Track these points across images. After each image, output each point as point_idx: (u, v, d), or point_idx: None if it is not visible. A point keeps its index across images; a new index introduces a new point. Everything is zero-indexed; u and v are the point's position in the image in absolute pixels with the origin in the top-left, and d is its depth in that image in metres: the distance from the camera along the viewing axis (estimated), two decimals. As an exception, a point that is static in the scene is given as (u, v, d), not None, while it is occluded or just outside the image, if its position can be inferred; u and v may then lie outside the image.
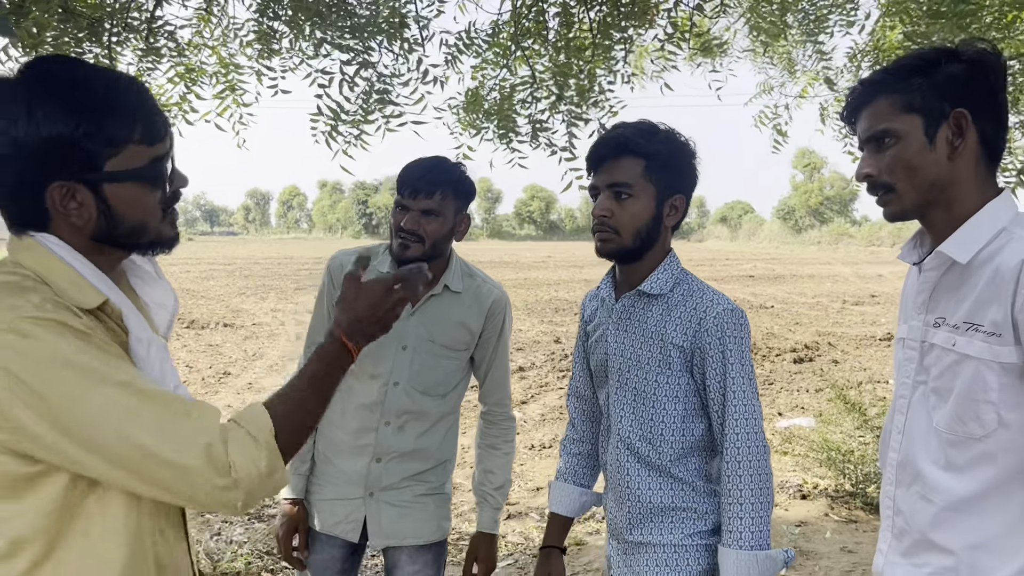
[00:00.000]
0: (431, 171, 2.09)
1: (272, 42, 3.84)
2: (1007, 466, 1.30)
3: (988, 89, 1.34)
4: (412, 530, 2.21)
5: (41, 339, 1.04)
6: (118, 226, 1.17)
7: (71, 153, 1.10)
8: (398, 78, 3.82)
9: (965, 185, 1.34)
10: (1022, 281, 1.23)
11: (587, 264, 33.74)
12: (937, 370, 1.37)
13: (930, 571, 1.38)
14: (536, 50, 4.24)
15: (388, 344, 2.14)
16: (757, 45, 4.58)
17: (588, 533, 4.84)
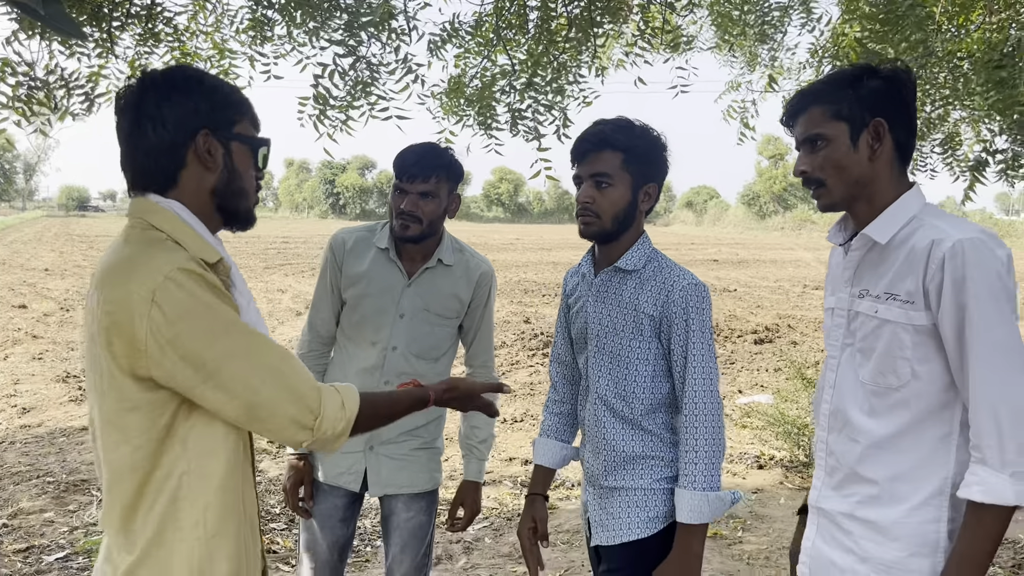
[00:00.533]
0: (425, 157, 2.33)
1: (265, 29, 4.02)
2: (919, 410, 1.57)
3: (902, 102, 1.61)
4: (408, 480, 2.46)
5: (188, 288, 1.29)
6: (233, 181, 1.46)
7: (214, 115, 1.42)
8: (385, 67, 4.01)
9: (882, 181, 1.62)
10: (931, 259, 1.50)
11: (555, 247, 34.04)
12: (862, 333, 1.64)
13: (858, 499, 1.65)
14: (516, 40, 4.46)
15: (387, 313, 2.39)
16: (721, 41, 4.85)
17: (559, 498, 5.14)
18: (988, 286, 1.47)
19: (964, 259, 1.48)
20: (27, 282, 16.41)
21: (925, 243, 1.53)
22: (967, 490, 1.49)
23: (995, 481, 1.45)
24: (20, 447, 5.93)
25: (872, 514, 1.63)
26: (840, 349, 1.70)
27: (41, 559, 4.06)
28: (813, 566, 1.74)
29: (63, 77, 3.66)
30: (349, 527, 2.52)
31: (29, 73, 3.56)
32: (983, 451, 1.48)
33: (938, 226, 1.55)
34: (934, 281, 1.50)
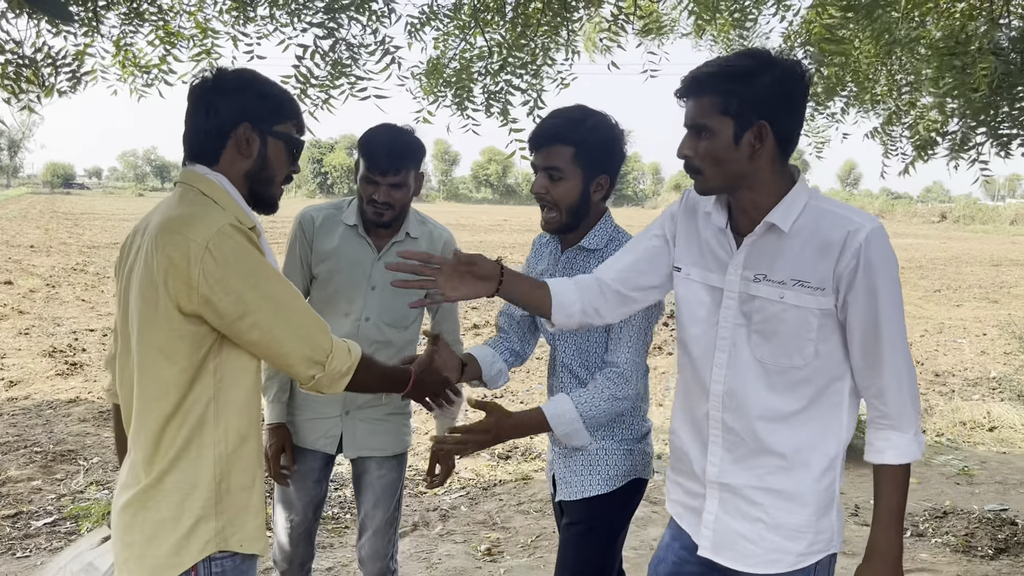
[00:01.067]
0: (393, 150, 2.42)
1: (248, 10, 4.11)
2: (819, 384, 1.68)
3: (790, 102, 1.63)
4: (380, 443, 2.61)
5: (236, 240, 1.59)
6: (264, 169, 1.75)
7: (259, 112, 1.72)
8: (365, 48, 4.11)
9: (762, 174, 1.65)
10: (846, 247, 1.58)
11: (542, 228, 34.05)
12: (761, 316, 1.69)
13: (767, 471, 1.73)
14: (494, 22, 4.56)
15: (358, 285, 2.53)
16: (695, 27, 4.97)
17: (534, 470, 5.31)
18: (892, 273, 1.62)
19: (877, 248, 1.59)
20: (12, 259, 16.42)
21: (839, 232, 1.60)
22: (882, 455, 1.64)
23: (905, 443, 1.63)
24: (7, 419, 6.04)
25: (781, 483, 1.72)
26: (731, 330, 1.74)
27: (29, 524, 4.20)
28: (717, 539, 1.79)
29: (50, 55, 3.75)
30: (323, 487, 2.67)
31: (17, 51, 3.65)
32: (893, 418, 1.64)
33: (845, 215, 1.63)
34: (848, 267, 1.59)
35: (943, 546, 4.20)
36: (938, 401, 7.34)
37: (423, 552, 4.05)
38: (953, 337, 10.78)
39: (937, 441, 6.16)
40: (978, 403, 7.12)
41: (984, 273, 19.59)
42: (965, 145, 3.84)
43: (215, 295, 1.56)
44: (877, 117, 5.55)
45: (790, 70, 1.63)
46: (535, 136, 2.19)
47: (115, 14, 3.98)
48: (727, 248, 1.75)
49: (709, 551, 1.80)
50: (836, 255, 1.60)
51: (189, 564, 1.61)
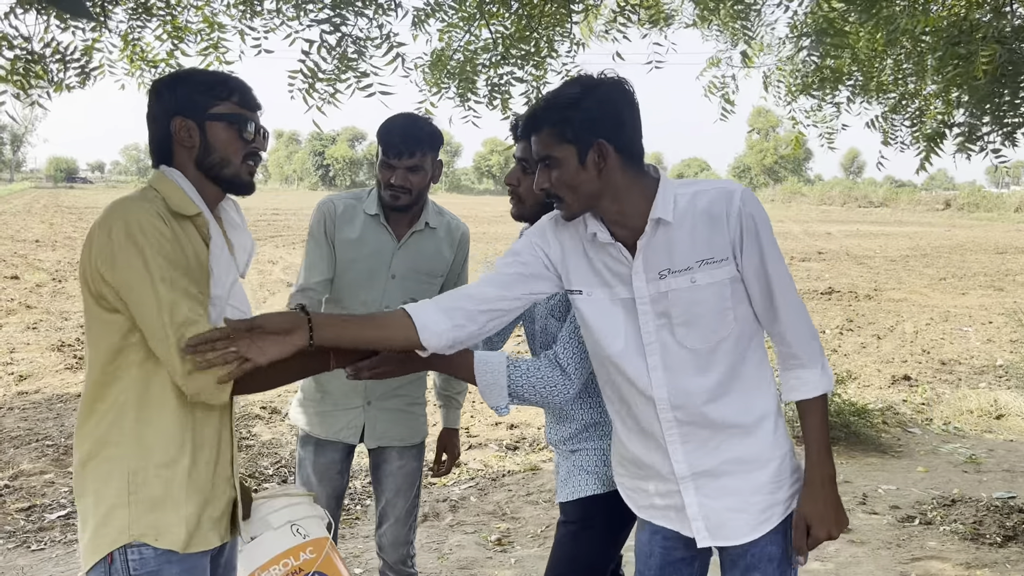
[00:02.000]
0: (409, 133, 2.46)
1: (254, 4, 4.11)
2: (743, 347, 1.78)
3: (619, 118, 1.72)
4: (400, 434, 2.64)
5: (135, 229, 1.61)
6: (211, 154, 1.76)
7: (188, 102, 1.75)
8: (371, 41, 4.12)
9: (619, 185, 1.74)
10: (729, 213, 1.70)
11: (545, 219, 34.00)
12: (680, 307, 1.75)
13: (728, 443, 1.80)
14: (499, 14, 4.56)
15: (378, 274, 2.55)
16: (699, 17, 4.97)
17: (542, 460, 5.34)
18: (769, 224, 1.75)
19: (751, 207, 1.72)
20: (18, 253, 16.47)
21: (719, 203, 1.72)
22: (797, 392, 1.79)
23: (816, 377, 1.78)
24: (18, 413, 6.09)
25: (744, 450, 1.81)
26: (655, 333, 1.79)
27: (43, 517, 4.24)
28: (710, 525, 1.83)
29: (59, 50, 3.76)
30: (344, 477, 2.71)
31: (26, 47, 3.66)
32: (800, 357, 1.78)
33: (714, 187, 1.75)
34: (736, 231, 1.71)
35: (951, 534, 4.22)
36: (944, 390, 7.35)
37: (434, 543, 4.08)
38: (959, 325, 10.78)
39: (944, 429, 6.18)
40: (985, 391, 7.13)
41: (989, 261, 19.55)
42: (973, 136, 3.84)
43: (111, 268, 1.60)
44: (881, 106, 5.56)
45: (612, 89, 1.73)
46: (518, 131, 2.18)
47: (123, 9, 3.99)
48: (622, 259, 1.79)
49: (708, 539, 1.84)
50: (724, 223, 1.71)
51: (105, 551, 1.64)
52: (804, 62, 5.21)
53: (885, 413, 6.30)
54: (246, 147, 1.80)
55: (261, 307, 10.92)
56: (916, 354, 9.02)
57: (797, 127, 5.58)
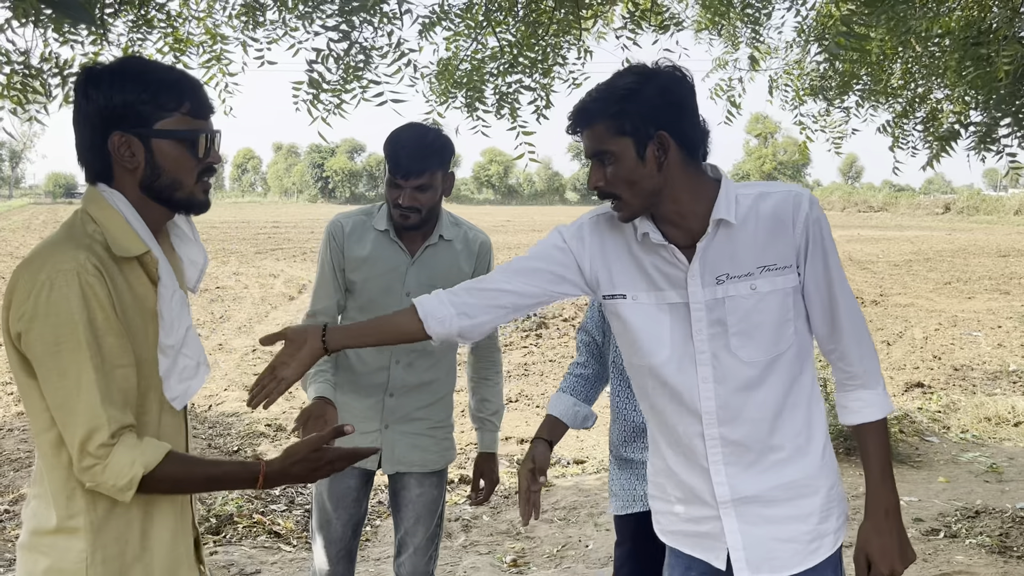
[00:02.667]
0: (417, 151, 2.31)
1: (257, 14, 4.03)
2: (799, 365, 1.68)
3: (680, 106, 1.60)
4: (420, 459, 2.50)
5: (61, 292, 1.36)
6: (159, 176, 1.48)
7: (130, 113, 1.44)
8: (377, 51, 4.03)
9: (679, 182, 1.62)
10: (796, 218, 1.61)
11: (546, 228, 33.91)
12: (736, 316, 1.63)
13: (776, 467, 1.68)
14: (505, 22, 4.48)
15: (393, 293, 2.43)
16: (706, 21, 4.89)
17: (555, 476, 5.23)
18: (830, 234, 1.66)
19: (819, 215, 1.63)
20: (17, 270, 16.35)
21: (785, 206, 1.62)
22: (859, 415, 1.68)
23: (878, 398, 1.68)
24: (19, 434, 5.98)
25: (793, 473, 1.68)
26: (708, 342, 1.67)
27: (46, 542, 4.12)
28: (751, 556, 1.70)
29: (57, 64, 3.67)
30: (362, 506, 2.57)
31: (22, 61, 3.57)
32: (861, 377, 1.68)
33: (779, 190, 1.65)
34: (803, 238, 1.62)
35: (978, 547, 4.11)
36: (960, 397, 7.24)
37: (447, 564, 3.97)
38: (968, 330, 10.68)
39: (963, 438, 6.08)
40: (1001, 398, 7.02)
41: (993, 264, 19.47)
42: (989, 137, 3.76)
43: (25, 334, 1.38)
44: (890, 111, 5.48)
45: (671, 76, 1.62)
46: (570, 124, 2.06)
47: (123, 21, 3.90)
48: (676, 262, 1.67)
49: (746, 571, 1.69)
50: (790, 229, 1.62)
51: None
52: (815, 65, 5.14)
53: (902, 421, 6.19)
54: (200, 164, 1.51)
55: (264, 321, 10.81)
56: (927, 360, 8.92)
57: (804, 132, 5.50)
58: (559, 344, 9.33)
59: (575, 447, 5.86)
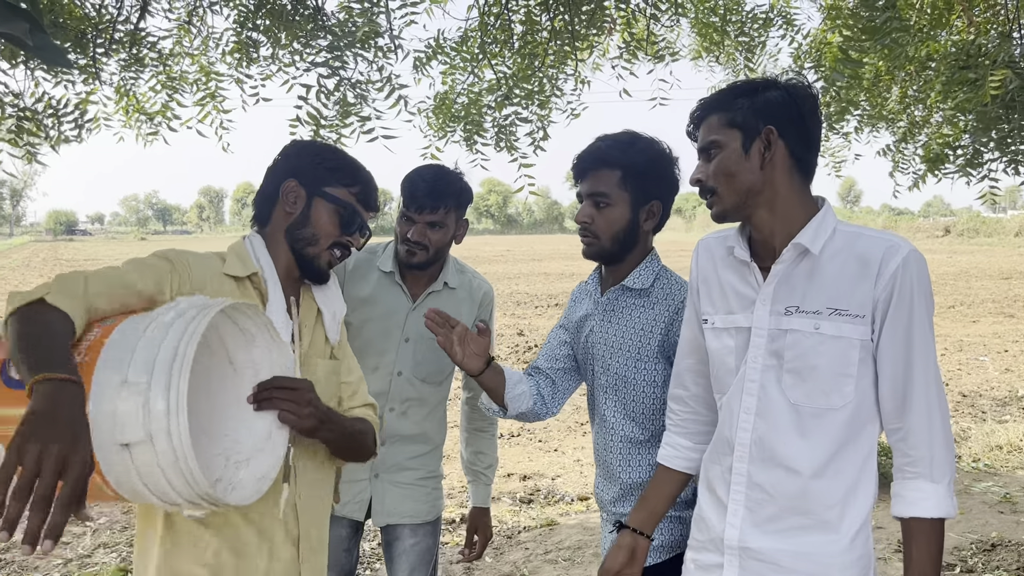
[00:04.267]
0: (435, 187, 2.26)
1: (250, 51, 4.01)
2: (855, 429, 1.52)
3: (796, 113, 1.54)
4: (411, 510, 2.39)
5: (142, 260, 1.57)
6: (304, 227, 1.70)
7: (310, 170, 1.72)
8: (372, 85, 4.00)
9: (780, 191, 1.55)
10: (883, 269, 1.46)
11: (546, 258, 34.06)
12: (794, 353, 1.52)
13: (796, 531, 1.54)
14: (501, 54, 4.47)
15: (390, 337, 2.34)
16: (702, 49, 4.89)
17: (559, 514, 5.11)
18: (927, 304, 1.49)
19: (915, 272, 1.47)
20: (16, 309, 16.29)
21: (877, 253, 1.48)
22: (913, 508, 1.47)
23: (940, 495, 1.46)
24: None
25: (812, 545, 1.54)
26: (760, 372, 1.57)
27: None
28: None
29: (51, 105, 3.65)
30: (352, 556, 2.46)
31: (16, 103, 3.54)
32: (923, 465, 1.47)
33: (882, 236, 1.52)
34: (884, 292, 1.47)
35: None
36: (970, 424, 7.13)
37: (450, 609, 3.85)
38: (974, 355, 10.57)
39: (975, 467, 5.95)
40: (1013, 425, 6.91)
41: (995, 287, 19.40)
42: (976, 160, 3.73)
43: None
44: (891, 135, 5.47)
45: (796, 86, 1.57)
46: (579, 161, 2.01)
47: (115, 60, 3.88)
48: (752, 282, 1.60)
49: None
50: (873, 278, 1.48)
51: None
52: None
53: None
54: (340, 236, 1.73)
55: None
56: (934, 386, 8.81)
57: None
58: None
59: (579, 483, 5.75)
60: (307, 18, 3.87)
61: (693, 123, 1.65)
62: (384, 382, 2.34)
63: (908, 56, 4.21)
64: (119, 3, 3.77)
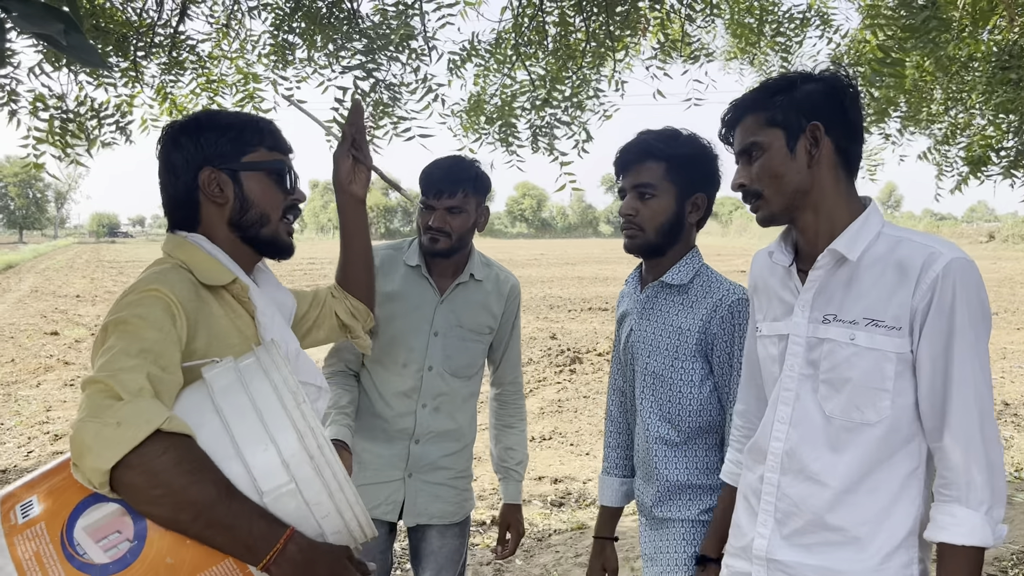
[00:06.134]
0: (451, 171, 2.29)
1: (286, 54, 4.06)
2: (891, 445, 1.46)
3: (839, 106, 1.49)
4: (440, 511, 2.39)
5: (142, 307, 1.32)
6: (248, 210, 1.53)
7: (218, 150, 1.51)
8: (406, 87, 4.03)
9: (827, 191, 1.50)
10: (922, 277, 1.39)
11: (580, 261, 33.96)
12: (829, 363, 1.48)
13: (824, 547, 1.50)
14: (535, 55, 4.47)
15: (419, 332, 2.34)
16: (737, 51, 4.84)
17: (590, 518, 5.09)
18: (974, 313, 1.39)
19: (956, 281, 1.38)
20: (59, 309, 16.67)
21: (917, 260, 1.41)
22: (943, 532, 1.39)
23: (974, 521, 1.36)
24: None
25: (840, 562, 1.49)
26: (797, 381, 1.54)
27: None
28: None
29: (93, 108, 3.72)
30: (388, 558, 2.46)
31: (59, 106, 3.62)
32: (959, 488, 1.38)
33: (924, 243, 1.44)
34: (923, 302, 1.39)
35: (1039, 594, 3.89)
36: (1012, 433, 6.97)
37: (479, 610, 3.85)
38: (1018, 363, 10.33)
39: (1017, 477, 5.81)
40: (1057, 434, 6.73)
41: (1041, 294, 18.93)
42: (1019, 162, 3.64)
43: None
44: (931, 137, 5.37)
45: (835, 78, 1.51)
46: (623, 155, 2.01)
47: (155, 63, 3.95)
48: (792, 288, 1.56)
49: None
50: (912, 286, 1.40)
51: None
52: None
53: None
54: (286, 199, 1.58)
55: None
56: (976, 394, 8.62)
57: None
58: (594, 380, 9.19)
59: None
60: (342, 21, 3.91)
61: (727, 126, 1.60)
62: (415, 378, 2.34)
63: (949, 56, 4.13)
64: (159, 7, 3.84)
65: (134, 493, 1.12)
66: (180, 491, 1.13)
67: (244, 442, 1.21)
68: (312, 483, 1.22)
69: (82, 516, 1.13)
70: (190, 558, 1.15)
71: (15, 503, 1.16)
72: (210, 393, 1.28)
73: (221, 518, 1.15)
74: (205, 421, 1.22)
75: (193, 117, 1.56)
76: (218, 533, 1.16)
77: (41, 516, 1.14)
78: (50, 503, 1.15)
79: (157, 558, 1.13)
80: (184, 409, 1.25)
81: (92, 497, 1.15)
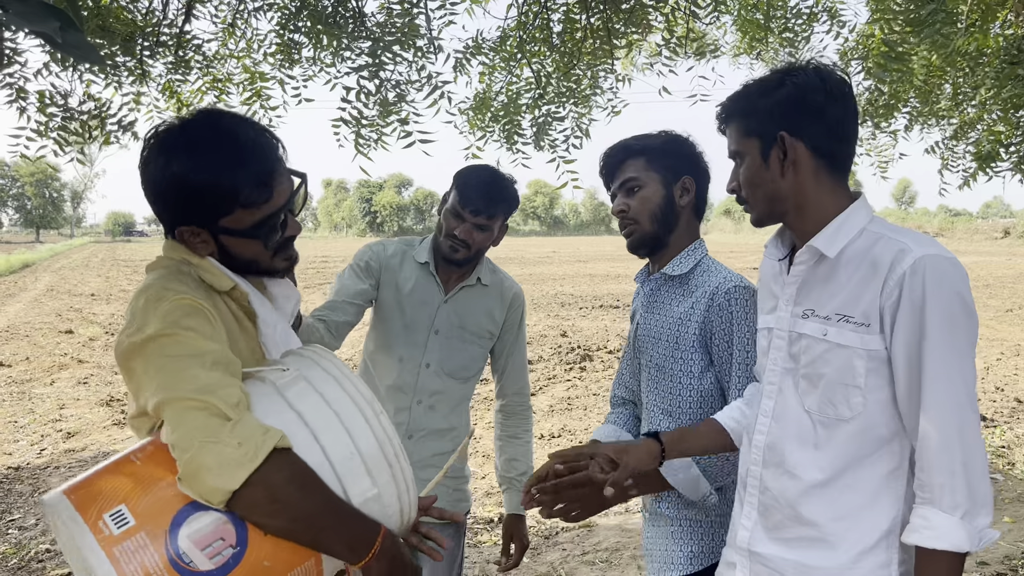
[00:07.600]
0: (491, 192, 2.30)
1: (292, 52, 4.07)
2: (868, 442, 1.44)
3: (814, 109, 1.45)
4: (435, 510, 2.39)
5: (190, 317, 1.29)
6: (233, 260, 1.44)
7: (196, 213, 1.36)
8: (412, 85, 4.03)
9: (807, 193, 1.49)
10: (891, 274, 1.37)
11: (591, 259, 33.91)
12: (807, 358, 1.48)
13: (799, 542, 1.50)
14: (541, 53, 4.46)
15: (420, 329, 2.36)
16: (745, 46, 4.81)
17: (598, 516, 5.08)
18: (950, 311, 1.34)
19: (926, 279, 1.34)
20: (74, 307, 16.81)
21: (887, 257, 1.39)
22: (915, 535, 1.35)
23: (947, 524, 1.32)
24: (65, 471, 6.04)
25: (813, 558, 1.48)
26: (780, 375, 1.55)
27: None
28: None
29: (96, 106, 3.75)
30: None
31: (62, 104, 3.65)
32: (931, 490, 1.34)
33: (899, 240, 1.41)
34: (890, 299, 1.37)
35: (1049, 593, 3.85)
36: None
37: (485, 607, 3.85)
38: (1032, 359, 10.23)
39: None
40: (1070, 432, 6.66)
41: (1057, 290, 18.75)
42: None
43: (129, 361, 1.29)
44: (941, 132, 5.33)
45: (813, 76, 1.47)
46: (604, 163, 2.05)
47: (161, 63, 3.97)
48: (781, 283, 1.57)
49: None
50: (880, 283, 1.38)
51: None
52: (859, 88, 5.02)
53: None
54: (278, 245, 1.46)
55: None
56: (989, 392, 8.54)
57: (851, 157, 5.37)
58: (604, 377, 9.17)
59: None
60: (348, 19, 3.92)
61: (719, 126, 1.63)
62: (411, 375, 2.35)
63: (957, 50, 4.10)
64: (164, 6, 3.86)
65: (253, 508, 1.18)
66: (296, 504, 1.21)
67: (332, 452, 1.29)
68: (389, 487, 1.34)
69: (184, 525, 1.16)
70: (284, 558, 1.22)
71: (100, 511, 1.15)
72: (288, 402, 1.30)
73: (330, 524, 1.25)
74: (292, 431, 1.25)
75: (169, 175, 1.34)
76: (326, 538, 1.25)
77: (139, 526, 1.15)
78: (146, 512, 1.16)
79: (256, 562, 1.19)
80: (267, 419, 1.26)
81: (192, 505, 1.17)
